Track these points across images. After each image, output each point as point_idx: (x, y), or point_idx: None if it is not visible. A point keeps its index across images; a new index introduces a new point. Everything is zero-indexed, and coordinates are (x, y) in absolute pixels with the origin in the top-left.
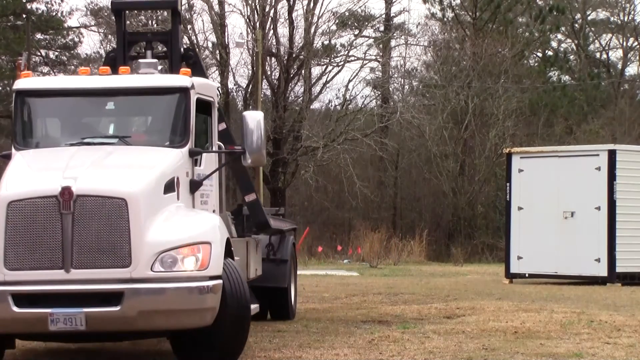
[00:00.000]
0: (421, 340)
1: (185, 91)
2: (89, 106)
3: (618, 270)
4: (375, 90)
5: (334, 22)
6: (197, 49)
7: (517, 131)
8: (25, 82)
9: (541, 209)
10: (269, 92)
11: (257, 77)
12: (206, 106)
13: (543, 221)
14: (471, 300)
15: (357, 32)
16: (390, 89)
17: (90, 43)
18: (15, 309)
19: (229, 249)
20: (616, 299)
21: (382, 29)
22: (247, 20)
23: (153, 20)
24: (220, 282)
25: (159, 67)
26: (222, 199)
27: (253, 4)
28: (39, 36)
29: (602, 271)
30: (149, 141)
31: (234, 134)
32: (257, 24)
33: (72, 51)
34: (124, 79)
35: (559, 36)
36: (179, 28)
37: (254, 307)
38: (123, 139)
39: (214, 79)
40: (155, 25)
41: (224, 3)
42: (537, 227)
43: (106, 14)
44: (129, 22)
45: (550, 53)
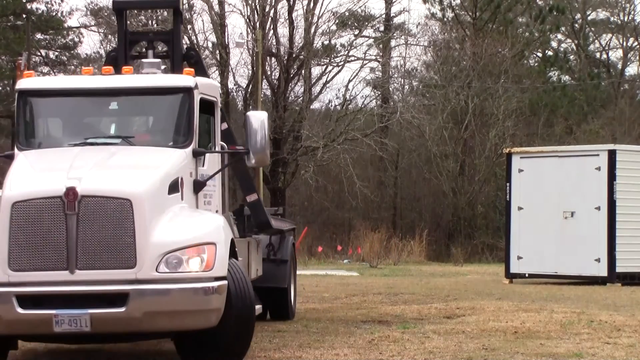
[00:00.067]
0: (421, 340)
1: (189, 91)
2: (92, 106)
3: (618, 270)
4: (375, 90)
5: (334, 22)
6: (197, 49)
7: (517, 131)
8: (28, 81)
9: (541, 209)
10: (269, 92)
11: (257, 77)
12: (209, 106)
13: (543, 221)
14: (471, 300)
15: (357, 32)
16: (390, 89)
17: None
18: (20, 310)
19: (232, 249)
20: (616, 299)
21: (382, 29)
22: (247, 20)
23: (153, 21)
24: (226, 282)
25: (162, 67)
26: (225, 199)
27: (253, 4)
28: (39, 36)
29: (602, 271)
30: (152, 141)
31: (234, 133)
32: (257, 24)
33: (72, 51)
34: (128, 79)
35: (559, 36)
36: (180, 27)
37: (257, 308)
38: (126, 139)
39: (214, 79)
40: (155, 25)
41: (224, 3)
42: (537, 227)
43: (106, 14)
44: (128, 22)
45: (550, 53)
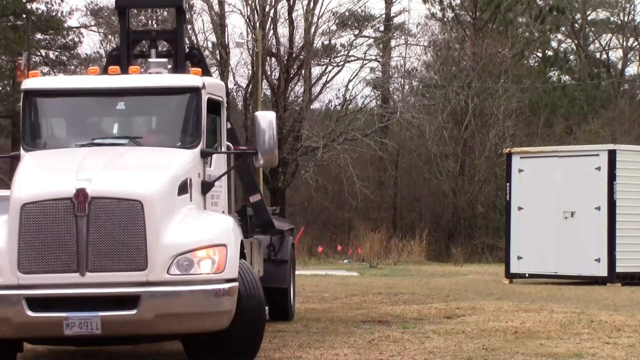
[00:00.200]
0: (421, 340)
1: (196, 91)
2: (99, 106)
3: (618, 270)
4: (375, 90)
5: (334, 22)
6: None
7: (517, 131)
8: (34, 81)
9: (541, 209)
10: (269, 92)
11: (257, 77)
12: (215, 106)
13: (543, 221)
14: (471, 300)
15: (357, 32)
16: (390, 89)
17: (90, 43)
18: (30, 313)
19: (241, 250)
20: (616, 299)
21: (382, 29)
22: (247, 20)
23: (153, 21)
24: (237, 284)
25: (169, 67)
26: (231, 200)
27: (253, 4)
28: (39, 36)
29: (602, 271)
30: (160, 142)
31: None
32: (257, 24)
33: (72, 51)
34: (135, 79)
35: (559, 36)
36: (183, 26)
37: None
38: (134, 139)
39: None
40: (155, 25)
41: (224, 3)
42: (537, 227)
43: (106, 14)
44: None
45: (550, 53)
